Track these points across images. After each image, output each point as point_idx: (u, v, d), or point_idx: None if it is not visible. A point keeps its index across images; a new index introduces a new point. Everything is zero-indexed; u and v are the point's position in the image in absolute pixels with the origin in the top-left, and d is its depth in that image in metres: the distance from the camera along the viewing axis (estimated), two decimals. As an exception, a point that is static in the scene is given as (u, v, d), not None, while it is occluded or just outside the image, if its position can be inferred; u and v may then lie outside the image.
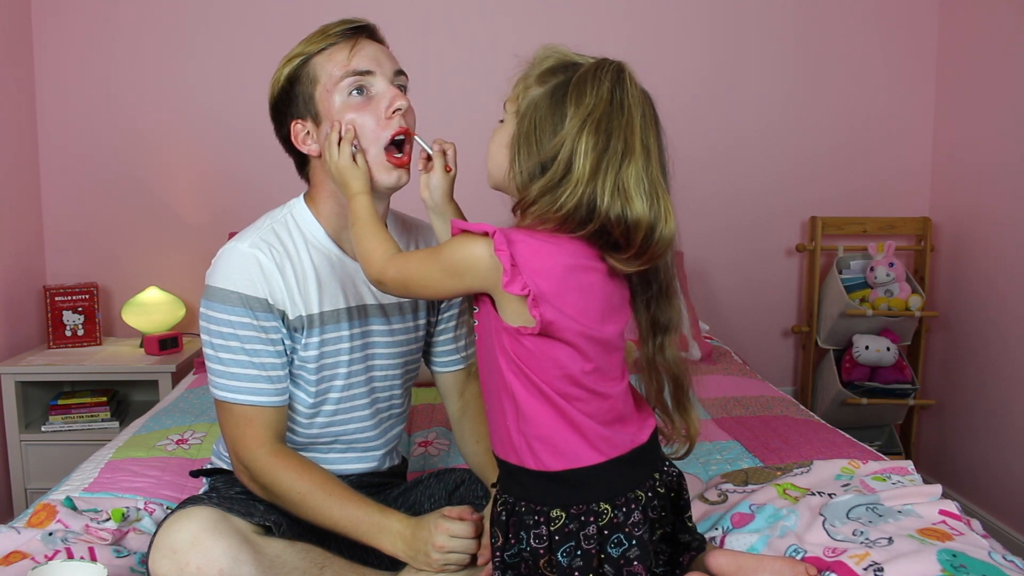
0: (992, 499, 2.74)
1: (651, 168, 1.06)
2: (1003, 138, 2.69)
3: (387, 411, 1.51)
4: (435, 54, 3.01)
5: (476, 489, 1.47)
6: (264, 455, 1.33)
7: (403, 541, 1.28)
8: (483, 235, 1.07)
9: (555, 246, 1.06)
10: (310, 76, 1.35)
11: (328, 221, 1.42)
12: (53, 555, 1.34)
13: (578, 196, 1.03)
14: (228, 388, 1.34)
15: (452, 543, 1.26)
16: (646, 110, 1.09)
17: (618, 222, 1.03)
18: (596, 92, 1.05)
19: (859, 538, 1.30)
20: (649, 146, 1.07)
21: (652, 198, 1.04)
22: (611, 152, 1.04)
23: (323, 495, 1.31)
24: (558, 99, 1.06)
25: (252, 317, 1.33)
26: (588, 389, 1.09)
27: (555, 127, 1.05)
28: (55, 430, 2.67)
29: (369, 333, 1.44)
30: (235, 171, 2.97)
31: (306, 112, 1.36)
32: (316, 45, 1.35)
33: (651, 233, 1.04)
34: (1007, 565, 1.18)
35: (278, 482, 1.32)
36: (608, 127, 1.04)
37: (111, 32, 2.95)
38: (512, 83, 1.13)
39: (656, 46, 3.04)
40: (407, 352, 1.50)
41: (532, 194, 1.06)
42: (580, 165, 1.03)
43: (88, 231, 3.01)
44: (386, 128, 1.35)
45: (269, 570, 1.22)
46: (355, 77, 1.33)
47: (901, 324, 2.90)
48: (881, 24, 3.05)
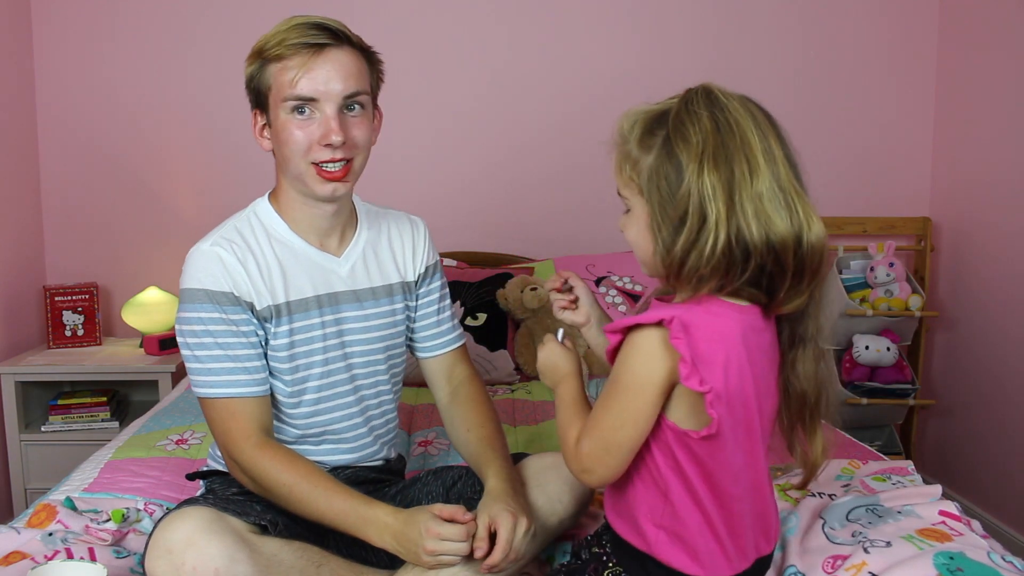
0: (992, 499, 2.74)
1: (780, 174, 0.98)
2: (1003, 138, 2.69)
3: (374, 399, 1.52)
4: (423, 54, 3.01)
5: (473, 484, 1.47)
6: (250, 447, 1.34)
7: (391, 535, 1.27)
8: (656, 324, 0.99)
9: (727, 316, 0.99)
10: (264, 80, 1.38)
11: (290, 215, 1.44)
12: (53, 555, 1.34)
13: (724, 237, 0.95)
14: (208, 384, 1.37)
15: (443, 547, 1.23)
16: (755, 115, 1.01)
17: (768, 250, 0.96)
18: (698, 127, 0.98)
19: (858, 539, 1.30)
20: (773, 151, 0.99)
21: (789, 208, 0.97)
22: (738, 177, 0.96)
23: (309, 486, 1.31)
24: (668, 153, 0.99)
25: (221, 312, 1.36)
26: (746, 486, 1.05)
27: (678, 182, 0.98)
28: (55, 430, 2.67)
29: (342, 320, 1.45)
30: (235, 171, 2.97)
31: (261, 108, 1.41)
32: (274, 50, 1.35)
33: (798, 246, 0.97)
34: (1005, 566, 1.17)
35: (265, 474, 1.33)
36: (726, 154, 0.97)
37: (111, 32, 2.95)
38: (616, 169, 1.06)
39: (657, 47, 3.03)
40: (387, 337, 1.51)
41: (678, 254, 0.98)
42: (713, 206, 0.95)
43: (88, 231, 3.01)
44: (318, 152, 1.36)
45: (266, 569, 1.22)
46: (297, 101, 1.35)
47: (901, 324, 2.90)
48: (881, 24, 3.05)
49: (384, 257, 1.53)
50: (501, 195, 3.08)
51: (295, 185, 1.41)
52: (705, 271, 0.97)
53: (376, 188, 1.94)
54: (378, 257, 1.52)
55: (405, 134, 2.98)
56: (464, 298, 2.63)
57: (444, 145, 3.04)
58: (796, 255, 0.97)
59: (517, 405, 2.29)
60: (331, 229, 1.47)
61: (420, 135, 3.02)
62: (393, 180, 2.92)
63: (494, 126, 3.04)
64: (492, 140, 3.04)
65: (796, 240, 0.97)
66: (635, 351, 1.00)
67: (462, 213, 3.06)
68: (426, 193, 3.03)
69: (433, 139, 3.05)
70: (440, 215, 3.03)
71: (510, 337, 2.62)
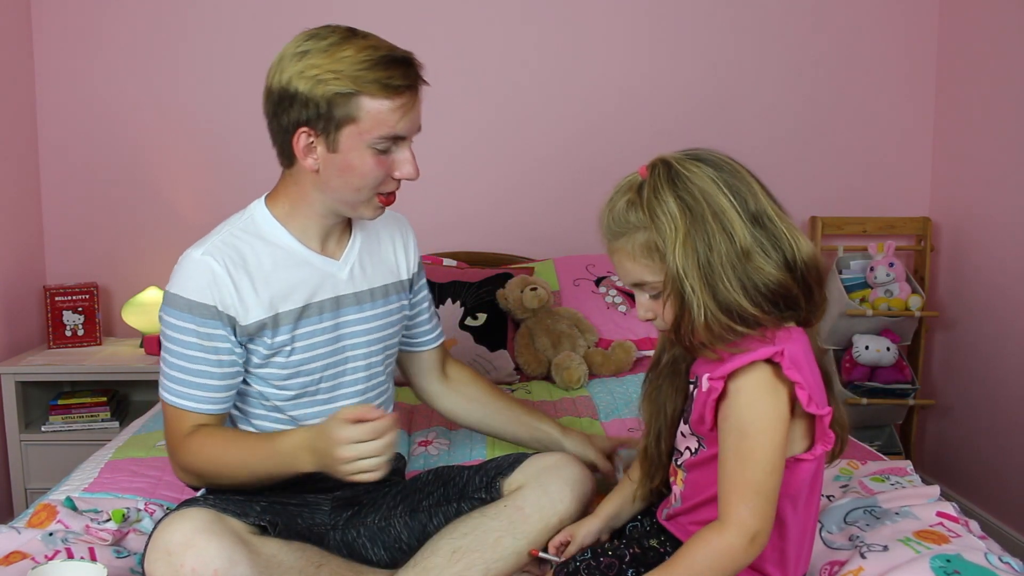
0: (992, 499, 2.74)
1: (764, 213, 1.05)
2: (1003, 138, 2.69)
3: (376, 400, 1.53)
4: (424, 57, 3.01)
5: (475, 481, 1.47)
6: (182, 440, 1.37)
7: (309, 454, 1.26)
8: (766, 361, 1.02)
9: (800, 340, 1.06)
10: (351, 110, 1.30)
11: (294, 222, 1.43)
12: (53, 555, 1.34)
13: (714, 305, 1.01)
14: (166, 388, 1.39)
15: (357, 450, 1.19)
16: (717, 172, 1.06)
17: (779, 285, 1.03)
18: (667, 211, 1.04)
19: (855, 543, 1.30)
20: (745, 199, 1.05)
21: (776, 241, 1.04)
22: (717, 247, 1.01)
23: (234, 450, 1.34)
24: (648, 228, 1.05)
25: (195, 324, 1.35)
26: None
27: (708, 246, 1.02)
28: (55, 430, 2.67)
29: (342, 325, 1.46)
30: (235, 171, 2.97)
31: (323, 131, 1.32)
32: (375, 89, 1.29)
33: (796, 268, 1.04)
34: (1002, 568, 1.17)
35: (194, 460, 1.36)
36: (702, 230, 1.02)
37: (111, 32, 2.95)
38: (629, 260, 1.10)
39: (658, 48, 3.03)
40: (385, 338, 1.53)
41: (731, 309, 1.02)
42: (741, 234, 1.02)
43: (88, 231, 3.01)
44: (386, 186, 1.38)
45: (265, 570, 1.22)
46: (392, 141, 1.34)
47: (901, 324, 2.90)
48: (881, 24, 3.05)
49: (379, 257, 1.54)
50: (501, 195, 3.08)
51: (332, 205, 1.40)
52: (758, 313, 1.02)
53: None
54: (373, 258, 1.52)
55: (405, 134, 2.99)
56: (464, 298, 2.63)
57: (444, 145, 3.04)
58: (801, 276, 1.03)
59: (517, 405, 2.29)
60: (331, 233, 1.47)
61: (420, 136, 3.02)
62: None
63: (494, 126, 3.04)
64: (493, 140, 3.04)
65: (790, 259, 1.03)
66: (754, 392, 1.03)
67: (462, 213, 3.06)
68: (426, 193, 3.03)
69: (433, 139, 3.04)
70: (440, 215, 3.04)
71: (510, 337, 2.62)
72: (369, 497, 1.51)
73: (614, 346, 2.58)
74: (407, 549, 1.41)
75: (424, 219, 2.98)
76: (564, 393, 2.41)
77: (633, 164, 1.15)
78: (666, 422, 1.22)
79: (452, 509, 1.43)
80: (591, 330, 2.61)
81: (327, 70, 1.29)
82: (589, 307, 2.70)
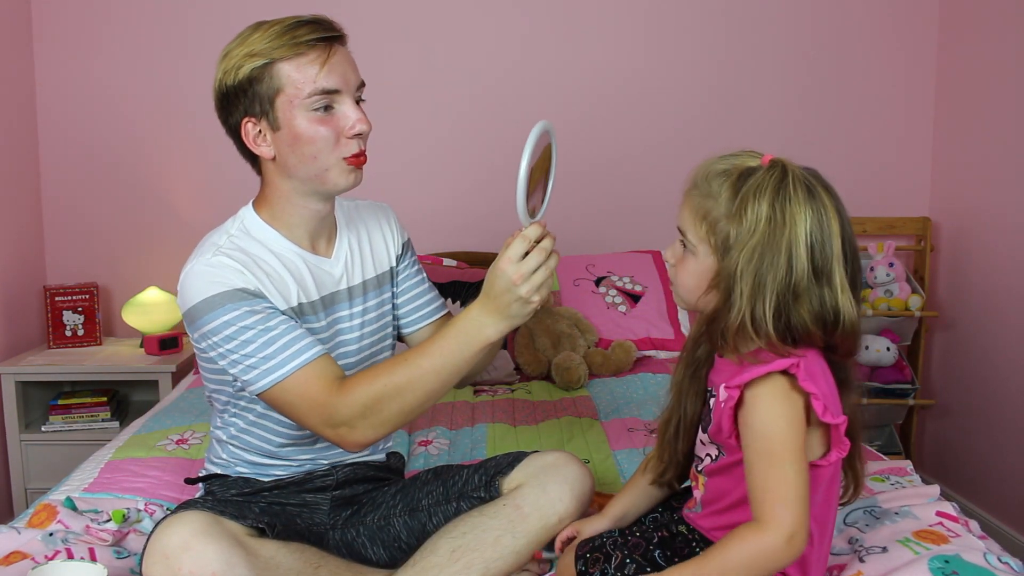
0: (992, 499, 2.74)
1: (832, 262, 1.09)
2: (1003, 138, 2.69)
3: None
4: (424, 56, 3.01)
5: (474, 480, 1.47)
6: (335, 393, 1.28)
7: (492, 314, 1.23)
8: (782, 373, 1.05)
9: (816, 358, 1.08)
10: (273, 81, 1.31)
11: (283, 221, 1.42)
12: (53, 555, 1.34)
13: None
14: (270, 370, 1.29)
15: (529, 264, 1.20)
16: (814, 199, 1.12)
17: (816, 327, 1.06)
18: (754, 216, 1.06)
19: (854, 546, 1.30)
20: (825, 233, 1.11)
21: (823, 296, 1.07)
22: (780, 273, 1.06)
23: (407, 368, 1.27)
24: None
25: (246, 304, 1.31)
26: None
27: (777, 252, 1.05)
28: (55, 430, 2.67)
29: (336, 321, 1.46)
30: (235, 172, 2.96)
31: (261, 113, 1.34)
32: (285, 51, 1.30)
33: (834, 327, 1.07)
34: (1001, 568, 1.17)
35: (365, 399, 1.27)
36: (771, 249, 1.06)
37: (111, 32, 2.95)
38: (692, 217, 1.12)
39: (658, 49, 3.03)
40: (377, 330, 1.52)
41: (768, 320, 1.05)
42: (800, 275, 1.04)
43: (88, 231, 3.02)
44: (346, 148, 1.35)
45: (264, 572, 1.22)
46: (322, 96, 1.32)
47: (901, 324, 2.91)
48: (881, 24, 3.05)
49: (367, 250, 1.53)
50: (502, 195, 3.07)
51: (307, 186, 1.38)
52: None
53: (376, 188, 1.94)
54: (362, 251, 1.52)
55: (406, 135, 2.98)
56: (464, 298, 2.63)
57: (444, 145, 3.04)
58: (831, 333, 1.06)
59: (517, 405, 2.29)
60: (321, 230, 1.46)
61: (421, 135, 3.03)
62: (393, 180, 2.92)
63: (495, 127, 3.04)
64: (493, 141, 3.04)
65: (830, 324, 1.06)
66: (771, 399, 1.05)
67: (462, 213, 3.06)
68: (426, 193, 3.04)
69: (434, 139, 3.05)
70: (440, 215, 3.04)
71: (510, 337, 2.62)
72: (368, 496, 1.51)
73: (614, 346, 2.58)
74: (406, 548, 1.42)
75: (424, 219, 2.99)
76: (564, 393, 2.41)
77: (635, 164, 1.16)
78: (685, 419, 1.23)
79: (451, 508, 1.43)
80: (591, 330, 2.61)
81: (242, 55, 1.33)
82: (589, 307, 2.70)
